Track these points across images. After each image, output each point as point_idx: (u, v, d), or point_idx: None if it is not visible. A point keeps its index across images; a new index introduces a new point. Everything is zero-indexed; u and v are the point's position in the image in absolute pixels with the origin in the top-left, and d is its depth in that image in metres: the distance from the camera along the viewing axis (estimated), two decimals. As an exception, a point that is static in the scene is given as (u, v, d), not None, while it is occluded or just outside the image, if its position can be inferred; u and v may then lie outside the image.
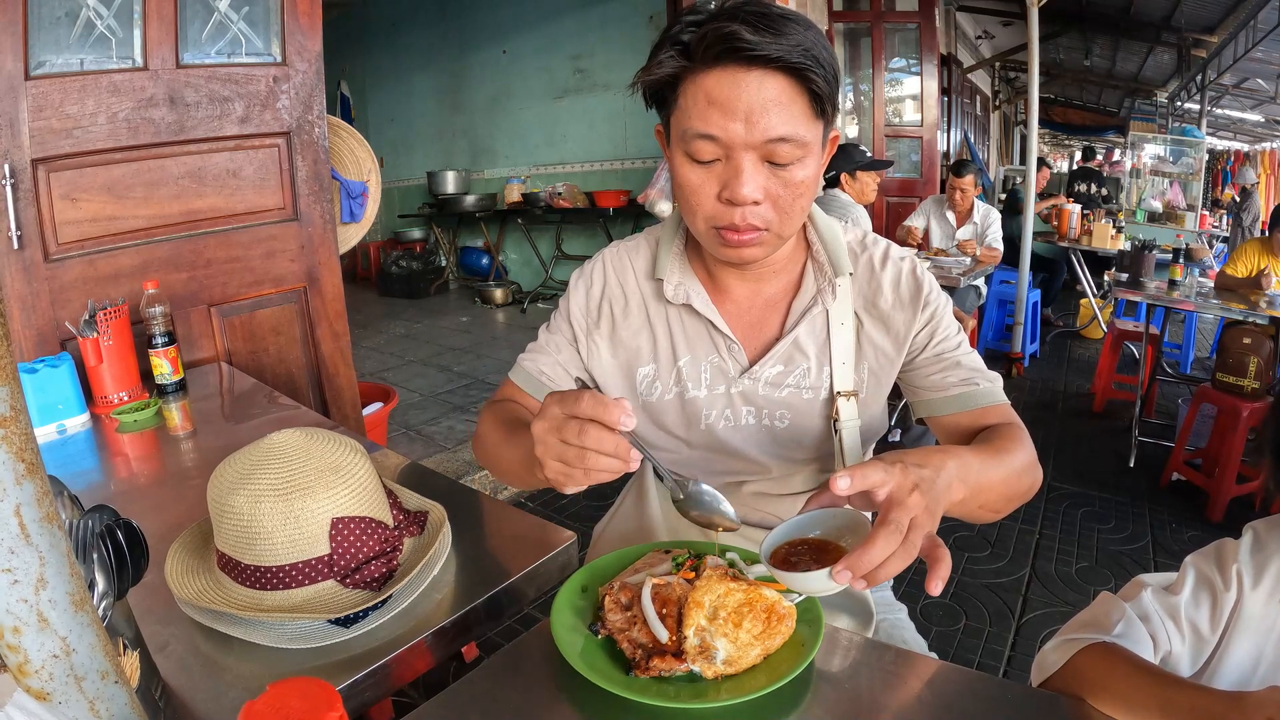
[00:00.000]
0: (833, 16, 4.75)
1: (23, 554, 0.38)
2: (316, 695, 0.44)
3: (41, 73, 1.55)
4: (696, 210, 0.80)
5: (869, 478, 0.59)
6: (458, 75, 6.55)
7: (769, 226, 0.79)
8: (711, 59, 0.73)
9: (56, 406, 1.36)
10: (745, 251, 0.81)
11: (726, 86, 0.72)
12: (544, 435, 0.62)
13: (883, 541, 0.56)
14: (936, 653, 0.87)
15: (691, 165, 0.78)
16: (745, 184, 0.75)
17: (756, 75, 0.72)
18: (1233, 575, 0.70)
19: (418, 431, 3.26)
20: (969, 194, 3.91)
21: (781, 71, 0.72)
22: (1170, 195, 6.45)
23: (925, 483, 0.60)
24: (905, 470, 0.60)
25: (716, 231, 0.80)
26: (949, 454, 0.67)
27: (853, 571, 0.56)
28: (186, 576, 0.79)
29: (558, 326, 0.98)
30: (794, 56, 0.71)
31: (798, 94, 0.73)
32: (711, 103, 0.73)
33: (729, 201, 0.77)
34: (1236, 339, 2.70)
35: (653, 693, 0.61)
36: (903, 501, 0.58)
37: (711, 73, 0.73)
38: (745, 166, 0.75)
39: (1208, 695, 0.59)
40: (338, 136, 2.22)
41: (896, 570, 0.57)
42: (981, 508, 0.75)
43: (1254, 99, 8.61)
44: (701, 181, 0.78)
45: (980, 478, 0.70)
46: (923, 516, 0.58)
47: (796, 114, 0.74)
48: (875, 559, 0.56)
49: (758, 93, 0.72)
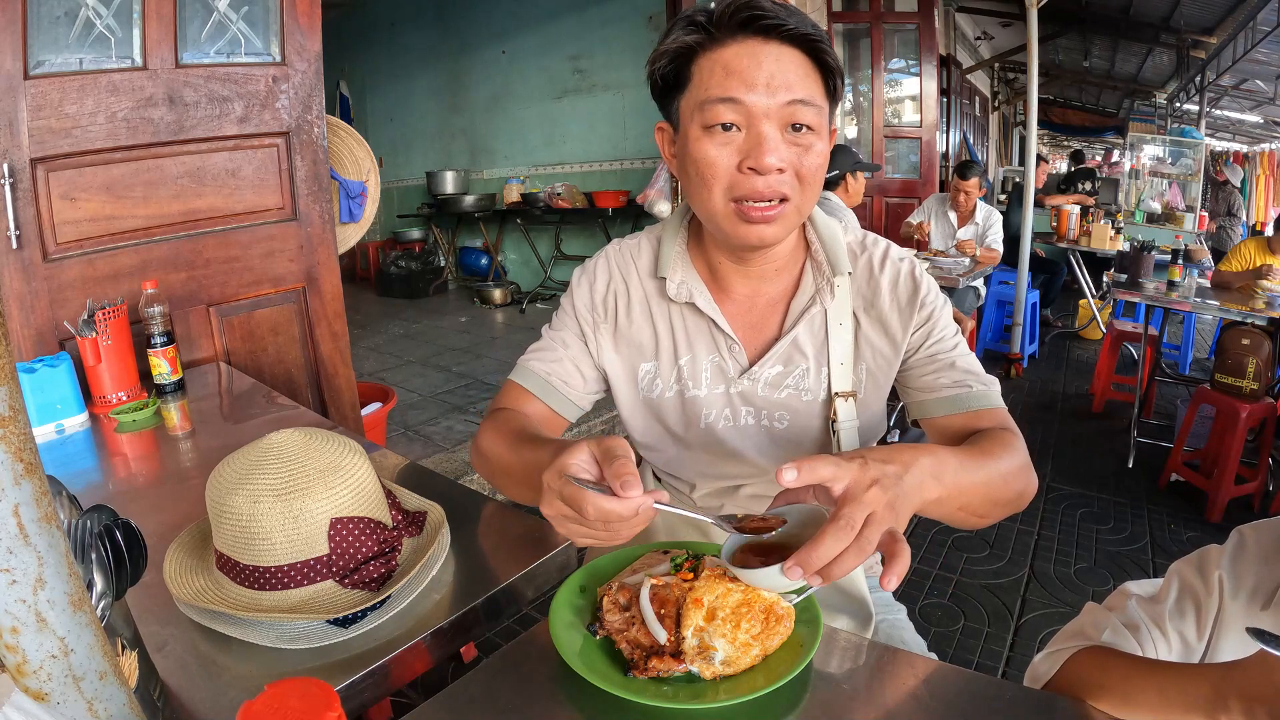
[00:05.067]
0: (832, 17, 4.76)
1: (21, 554, 0.38)
2: (315, 695, 0.44)
3: (41, 72, 1.55)
4: (714, 184, 0.79)
5: (818, 471, 0.58)
6: (457, 75, 6.55)
7: (791, 196, 0.79)
8: (731, 30, 0.76)
9: (55, 406, 1.35)
10: (766, 229, 0.80)
11: (745, 57, 0.76)
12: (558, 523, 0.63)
13: (832, 538, 0.55)
14: (935, 653, 0.87)
15: (709, 139, 0.78)
16: (769, 151, 0.76)
17: (774, 46, 0.76)
18: (1215, 582, 0.69)
19: (416, 432, 3.26)
20: (973, 196, 3.91)
21: (796, 45, 0.76)
22: (1169, 196, 6.46)
23: (888, 479, 0.59)
24: (865, 466, 0.59)
25: (736, 206, 0.79)
26: (923, 451, 0.66)
27: (803, 567, 0.55)
28: (185, 576, 0.79)
29: (563, 323, 0.97)
30: (807, 27, 0.76)
31: (812, 68, 0.78)
32: (730, 73, 0.76)
33: (753, 169, 0.77)
34: (1235, 340, 2.71)
35: (651, 693, 0.61)
36: (858, 497, 0.57)
37: (729, 46, 0.76)
38: (767, 133, 0.76)
39: (1200, 673, 0.59)
40: (337, 136, 2.22)
41: (851, 567, 0.56)
42: (962, 510, 0.73)
43: (1253, 100, 8.61)
44: (719, 154, 0.78)
45: (959, 478, 0.69)
46: (882, 512, 0.57)
47: (812, 84, 0.78)
48: (825, 555, 0.55)
49: (776, 62, 0.76)
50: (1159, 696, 0.60)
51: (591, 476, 0.61)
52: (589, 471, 0.61)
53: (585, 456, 0.62)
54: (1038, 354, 4.88)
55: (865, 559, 0.56)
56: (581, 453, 0.62)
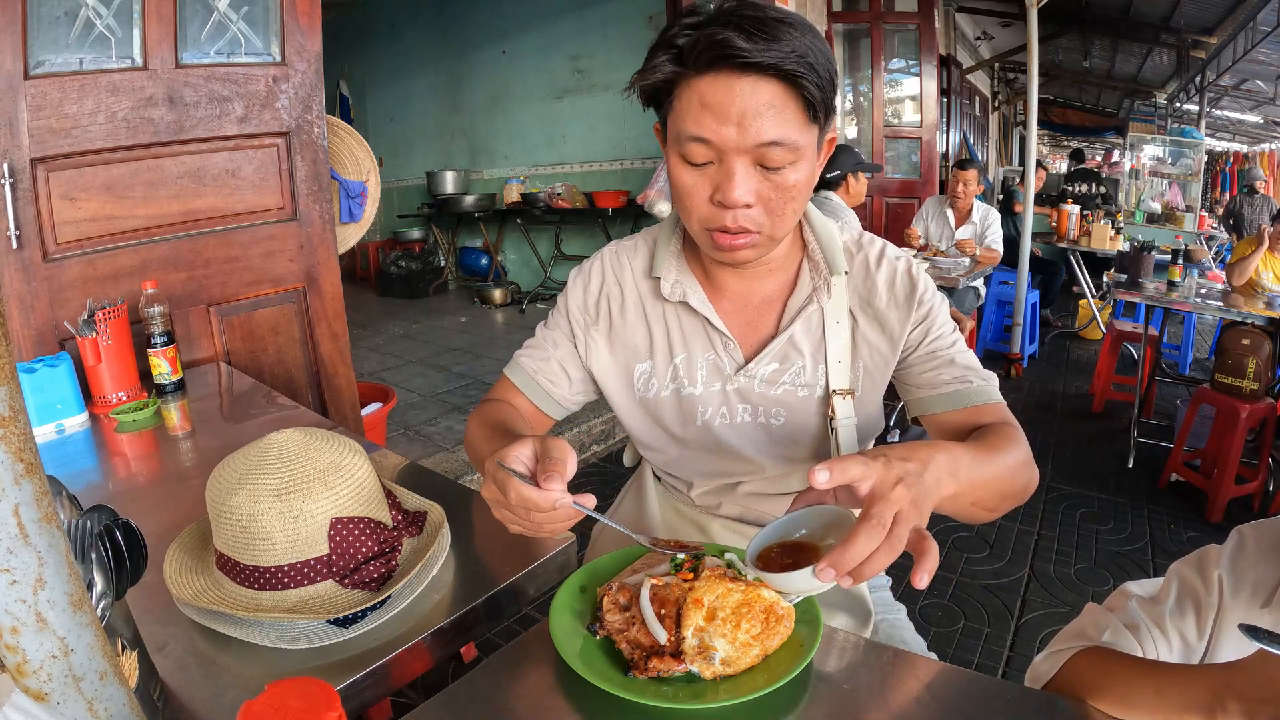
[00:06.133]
0: (832, 17, 4.76)
1: (21, 554, 0.38)
2: (315, 695, 0.44)
3: (41, 72, 1.55)
4: (691, 212, 0.81)
5: (848, 471, 0.58)
6: (457, 75, 6.55)
7: (760, 229, 0.79)
8: (704, 65, 0.73)
9: (55, 406, 1.35)
10: (738, 254, 0.82)
11: (719, 92, 0.73)
12: (492, 506, 0.68)
13: (865, 537, 0.55)
14: (935, 653, 0.87)
15: (686, 167, 0.78)
16: (736, 187, 0.75)
17: (749, 81, 0.72)
18: (1214, 581, 0.69)
19: (416, 431, 3.26)
20: (971, 189, 3.90)
21: (774, 77, 0.72)
22: (1169, 196, 6.46)
23: (911, 476, 0.59)
24: (889, 464, 0.59)
25: (709, 233, 0.81)
26: (938, 448, 0.66)
27: (836, 569, 0.55)
28: (185, 576, 0.79)
29: (555, 323, 0.98)
30: (787, 63, 0.71)
31: (790, 99, 0.73)
32: (704, 107, 0.74)
33: (720, 204, 0.77)
34: (1235, 340, 2.71)
35: (651, 693, 0.61)
36: (886, 496, 0.57)
37: (705, 78, 0.73)
38: (736, 170, 0.75)
39: (1198, 674, 0.59)
40: (337, 136, 2.22)
41: (882, 566, 0.56)
42: (974, 505, 0.73)
43: (1253, 100, 8.62)
44: (695, 183, 0.78)
45: (972, 473, 0.69)
46: (908, 510, 0.57)
47: (789, 119, 0.74)
48: (858, 555, 0.55)
49: (750, 98, 0.72)
50: (1158, 697, 0.60)
51: (526, 469, 0.65)
52: (525, 464, 0.65)
53: (527, 451, 0.66)
54: (1038, 354, 4.88)
55: (895, 557, 0.56)
56: (525, 447, 0.66)
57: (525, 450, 0.66)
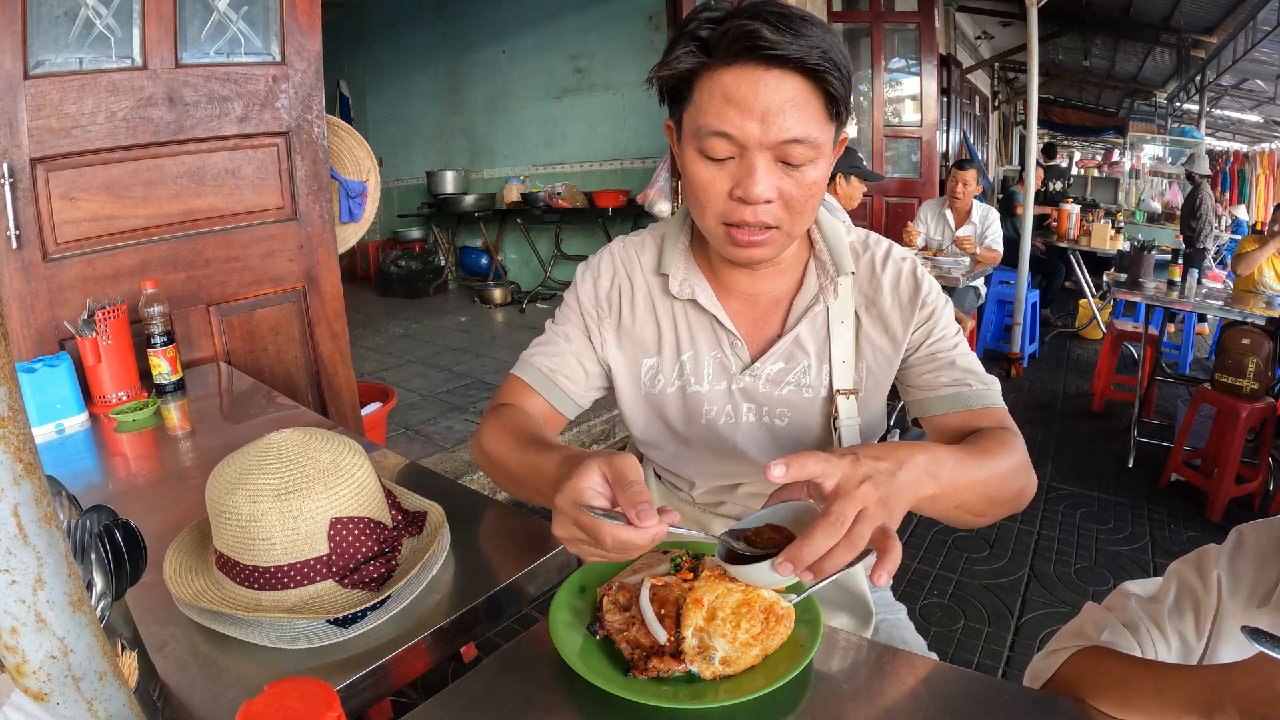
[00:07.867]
0: (832, 16, 4.75)
1: (20, 554, 0.38)
2: (315, 695, 0.44)
3: (40, 72, 1.55)
4: (707, 207, 0.80)
5: (806, 467, 0.58)
6: (457, 75, 6.55)
7: (779, 225, 0.79)
8: (731, 56, 0.72)
9: (55, 406, 1.35)
10: (755, 252, 0.81)
11: (744, 85, 0.72)
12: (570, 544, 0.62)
13: (823, 533, 0.55)
14: (935, 653, 0.87)
15: (704, 162, 0.78)
16: (759, 182, 0.75)
17: (775, 75, 0.72)
18: (1213, 581, 0.69)
19: (416, 431, 3.26)
20: (970, 189, 3.89)
21: (799, 73, 0.72)
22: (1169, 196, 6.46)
23: (880, 475, 0.59)
24: (856, 462, 0.59)
25: (726, 230, 0.80)
26: (920, 448, 0.66)
27: (794, 563, 0.55)
28: (185, 576, 0.79)
29: (566, 318, 0.97)
30: (813, 58, 0.71)
31: (814, 95, 0.74)
32: (729, 101, 0.73)
33: (741, 199, 0.77)
34: (1235, 340, 2.71)
35: (651, 693, 0.61)
36: (849, 493, 0.57)
37: (729, 70, 0.73)
38: (759, 165, 0.75)
39: (1197, 674, 0.59)
40: (337, 136, 2.22)
41: (842, 563, 0.56)
42: (958, 508, 0.73)
43: (1253, 100, 8.61)
44: (713, 178, 0.78)
45: (955, 476, 0.68)
46: (874, 509, 0.57)
47: (811, 115, 0.74)
48: (815, 551, 0.55)
49: (775, 93, 0.72)
50: (1156, 697, 0.60)
51: (605, 499, 0.61)
52: (602, 494, 0.61)
53: (597, 479, 0.61)
54: (1038, 354, 4.88)
55: (856, 554, 0.56)
56: (593, 475, 0.61)
57: (595, 479, 0.61)
